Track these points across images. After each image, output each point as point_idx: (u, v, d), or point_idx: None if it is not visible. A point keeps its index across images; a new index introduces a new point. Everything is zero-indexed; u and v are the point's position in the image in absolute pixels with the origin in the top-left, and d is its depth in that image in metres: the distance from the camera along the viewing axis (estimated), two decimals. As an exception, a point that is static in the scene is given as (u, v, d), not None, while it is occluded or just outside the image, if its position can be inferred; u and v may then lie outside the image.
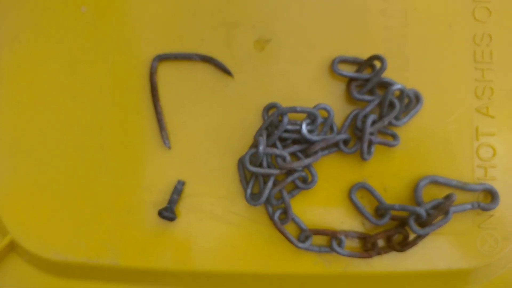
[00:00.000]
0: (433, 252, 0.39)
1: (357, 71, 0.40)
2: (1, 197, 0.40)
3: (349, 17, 0.41)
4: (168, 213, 0.38)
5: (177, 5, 0.42)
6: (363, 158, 0.38)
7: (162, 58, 0.41)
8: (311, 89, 0.40)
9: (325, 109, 0.39)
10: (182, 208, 0.40)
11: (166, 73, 0.41)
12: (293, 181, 0.39)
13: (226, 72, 0.41)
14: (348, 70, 0.40)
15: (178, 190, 0.39)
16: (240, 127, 0.40)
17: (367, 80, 0.39)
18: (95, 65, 0.41)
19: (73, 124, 0.41)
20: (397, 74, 0.40)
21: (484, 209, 0.38)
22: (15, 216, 0.40)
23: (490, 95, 0.41)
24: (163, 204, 0.39)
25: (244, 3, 0.42)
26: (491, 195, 0.39)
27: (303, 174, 0.38)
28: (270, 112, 0.40)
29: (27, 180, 0.40)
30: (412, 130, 0.40)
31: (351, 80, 0.40)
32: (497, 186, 0.39)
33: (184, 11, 0.42)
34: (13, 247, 0.40)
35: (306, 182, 0.39)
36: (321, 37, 0.41)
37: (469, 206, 0.38)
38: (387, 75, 0.40)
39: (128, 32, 0.42)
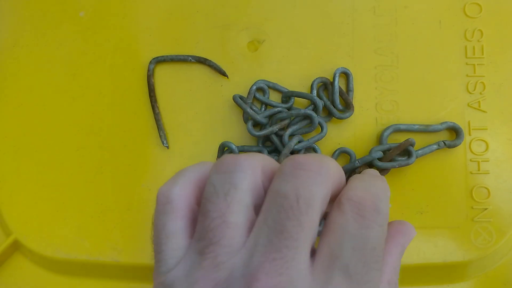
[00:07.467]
0: (427, 246, 0.39)
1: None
2: (4, 198, 0.41)
3: (339, 16, 0.42)
4: (166, 211, 0.39)
5: (173, 9, 0.43)
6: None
7: (159, 60, 0.42)
8: (304, 87, 0.41)
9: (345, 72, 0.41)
10: (180, 205, 0.40)
11: (163, 75, 0.42)
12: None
13: (221, 73, 0.41)
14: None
15: (176, 188, 0.40)
16: (236, 126, 0.41)
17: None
18: (94, 68, 0.43)
19: (74, 125, 0.42)
20: (388, 72, 0.41)
21: (450, 146, 0.39)
22: (18, 216, 0.41)
23: (481, 90, 0.41)
24: (162, 202, 0.40)
25: (238, 6, 0.43)
26: (455, 132, 0.40)
27: None
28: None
29: (29, 181, 0.41)
30: (404, 126, 0.41)
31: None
32: (491, 179, 0.40)
33: (179, 15, 0.43)
34: (17, 246, 0.41)
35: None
36: (312, 37, 0.42)
37: (435, 146, 0.39)
38: (378, 72, 0.41)
39: (126, 36, 0.43)
